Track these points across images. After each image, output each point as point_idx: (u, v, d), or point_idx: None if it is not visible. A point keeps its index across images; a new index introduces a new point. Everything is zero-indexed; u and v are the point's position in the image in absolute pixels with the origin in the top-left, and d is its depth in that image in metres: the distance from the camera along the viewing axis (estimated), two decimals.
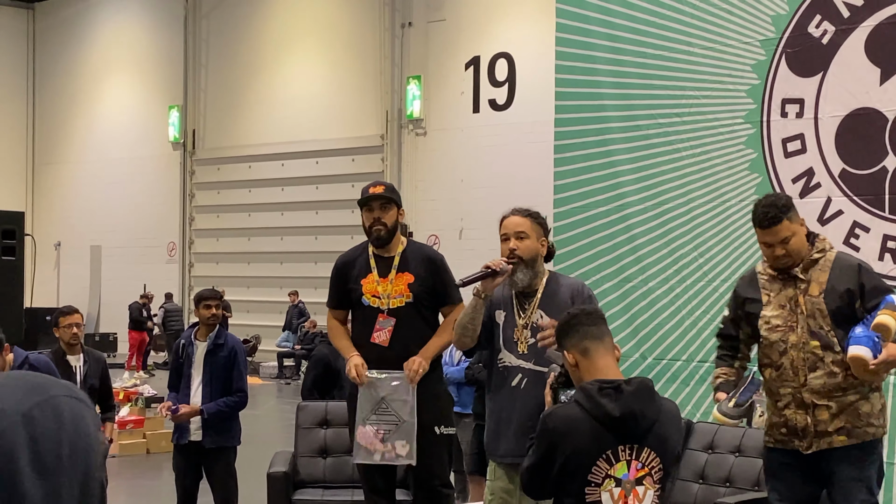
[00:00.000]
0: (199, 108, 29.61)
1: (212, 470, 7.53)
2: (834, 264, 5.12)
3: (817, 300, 5.09)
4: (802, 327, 5.11)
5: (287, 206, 27.11)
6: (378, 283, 5.97)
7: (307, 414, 7.86)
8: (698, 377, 7.39)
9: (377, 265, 6.03)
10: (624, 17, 7.91)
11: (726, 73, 7.54)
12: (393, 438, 5.86)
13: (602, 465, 3.81)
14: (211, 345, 7.47)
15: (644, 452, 3.85)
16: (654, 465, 3.88)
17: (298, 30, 27.25)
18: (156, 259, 29.78)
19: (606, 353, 3.96)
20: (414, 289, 5.95)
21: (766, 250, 5.22)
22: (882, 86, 6.99)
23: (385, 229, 6.00)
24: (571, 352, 3.97)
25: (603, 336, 3.99)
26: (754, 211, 5.21)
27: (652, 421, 3.84)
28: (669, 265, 7.65)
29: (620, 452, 3.82)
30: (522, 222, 5.26)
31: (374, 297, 5.98)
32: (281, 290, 25.91)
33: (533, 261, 5.22)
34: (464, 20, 24.23)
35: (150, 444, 13.30)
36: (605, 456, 3.81)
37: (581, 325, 3.98)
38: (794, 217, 5.13)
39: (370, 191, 6.06)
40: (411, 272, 5.97)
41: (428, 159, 24.77)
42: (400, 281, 5.96)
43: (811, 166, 7.22)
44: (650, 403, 3.86)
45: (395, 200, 6.06)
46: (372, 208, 6.04)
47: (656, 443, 3.87)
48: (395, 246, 6.06)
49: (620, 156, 7.89)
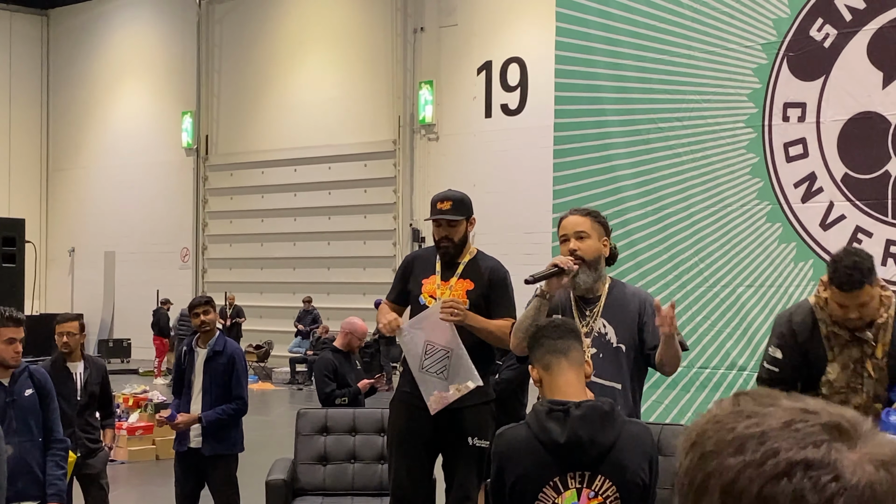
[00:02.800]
0: (213, 113, 29.67)
1: (211, 478, 7.51)
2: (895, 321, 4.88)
3: (881, 363, 4.87)
4: (868, 392, 4.88)
5: (300, 211, 27.14)
6: (439, 286, 5.93)
7: (307, 421, 7.82)
8: (699, 383, 7.33)
9: (442, 268, 5.98)
10: (624, 20, 7.86)
11: (727, 77, 7.48)
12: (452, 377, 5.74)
13: (549, 492, 3.58)
14: (210, 352, 7.46)
15: (598, 480, 3.58)
16: (609, 494, 3.60)
17: (311, 35, 27.27)
18: (169, 264, 29.84)
19: (569, 370, 3.69)
20: (471, 296, 5.86)
21: (838, 310, 4.90)
22: (885, 89, 6.93)
23: (452, 245, 5.92)
24: (535, 367, 3.75)
25: (568, 350, 3.71)
26: (835, 269, 4.86)
27: (605, 447, 3.57)
28: (670, 270, 7.59)
29: (569, 480, 3.58)
30: (582, 221, 4.97)
31: (431, 297, 5.92)
32: (294, 295, 25.91)
33: (595, 262, 4.91)
34: (476, 25, 24.21)
35: (160, 451, 13.29)
36: (552, 483, 3.58)
37: (545, 338, 3.75)
38: (875, 280, 4.88)
39: (438, 206, 5.92)
40: (473, 280, 5.90)
41: (440, 164, 24.75)
42: (459, 286, 5.89)
43: (813, 171, 7.15)
44: (602, 429, 3.57)
45: (464, 215, 5.93)
46: (440, 223, 5.92)
47: (612, 471, 3.59)
48: (464, 254, 5.99)
49: (620, 160, 7.84)
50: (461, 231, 5.93)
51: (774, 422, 1.10)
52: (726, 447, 1.10)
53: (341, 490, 7.56)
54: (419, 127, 25.39)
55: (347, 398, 8.52)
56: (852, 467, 1.05)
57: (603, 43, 7.95)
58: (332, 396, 8.54)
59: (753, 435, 1.09)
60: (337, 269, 26.42)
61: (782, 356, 5.10)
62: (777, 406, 1.13)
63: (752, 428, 1.10)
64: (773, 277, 7.15)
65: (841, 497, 1.03)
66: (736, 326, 7.23)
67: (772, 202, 7.23)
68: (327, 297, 25.88)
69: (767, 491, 1.05)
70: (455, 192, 6.01)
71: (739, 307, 7.27)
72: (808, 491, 1.03)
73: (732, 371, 7.24)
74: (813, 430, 1.08)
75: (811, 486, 1.04)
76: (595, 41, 7.98)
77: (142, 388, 15.19)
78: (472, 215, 6.02)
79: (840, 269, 4.82)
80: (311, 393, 21.59)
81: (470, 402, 5.84)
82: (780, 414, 1.11)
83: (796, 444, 1.07)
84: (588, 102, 8.01)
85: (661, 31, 7.72)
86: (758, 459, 1.07)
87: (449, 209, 5.88)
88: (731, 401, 1.17)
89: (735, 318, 7.27)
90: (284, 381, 23.70)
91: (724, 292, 7.32)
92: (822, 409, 1.12)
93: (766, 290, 7.16)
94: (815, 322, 5.03)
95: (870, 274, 4.82)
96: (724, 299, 7.33)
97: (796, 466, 1.05)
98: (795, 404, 1.12)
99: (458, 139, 24.55)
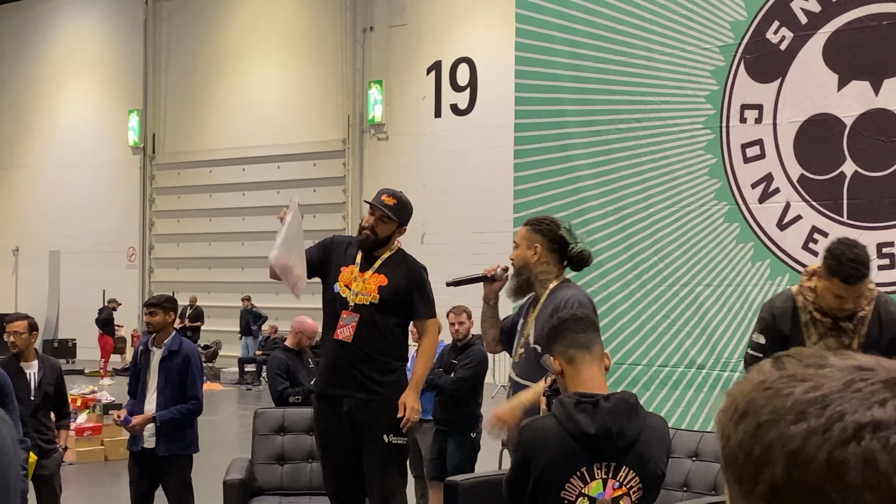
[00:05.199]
0: (160, 112, 29.45)
1: (165, 478, 7.45)
2: (873, 315, 4.95)
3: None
4: None
5: (248, 210, 27.01)
6: (356, 277, 5.99)
7: (264, 420, 7.78)
8: (658, 381, 7.39)
9: (363, 260, 6.04)
10: (583, 22, 7.91)
11: (686, 79, 7.54)
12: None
13: (576, 482, 3.64)
14: (166, 351, 7.40)
15: (622, 471, 3.67)
16: (632, 484, 3.70)
17: (259, 34, 27.15)
18: (115, 264, 29.57)
19: (593, 364, 3.77)
20: (383, 292, 5.95)
21: (833, 301, 4.98)
22: (840, 91, 7.02)
23: (373, 238, 6.02)
24: (558, 358, 3.80)
25: (591, 345, 3.79)
26: (839, 262, 4.89)
27: (632, 439, 3.66)
28: (630, 269, 7.65)
29: (596, 470, 3.65)
30: (519, 231, 5.32)
31: (346, 286, 5.99)
32: (242, 295, 25.78)
33: (521, 269, 5.21)
34: (425, 25, 24.22)
35: (109, 451, 13.16)
36: (580, 473, 3.64)
37: (569, 332, 3.80)
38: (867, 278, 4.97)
39: (383, 197, 6.05)
40: (387, 276, 5.97)
41: (390, 164, 24.73)
42: (373, 280, 5.97)
43: (770, 171, 7.23)
44: (630, 421, 3.66)
45: (398, 219, 6.06)
46: (373, 212, 6.04)
47: (636, 462, 3.68)
48: (384, 250, 6.07)
49: (580, 161, 7.89)
50: (388, 231, 6.04)
51: (834, 383, 1.05)
52: (786, 414, 1.04)
53: (299, 490, 7.53)
54: (368, 126, 25.37)
55: (301, 397, 8.49)
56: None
57: (563, 44, 7.99)
58: (285, 395, 8.51)
59: (814, 399, 1.04)
60: None
61: (765, 342, 5.21)
62: (830, 366, 1.08)
63: (811, 392, 1.05)
64: (731, 277, 7.23)
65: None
66: (695, 325, 7.30)
67: (730, 202, 7.31)
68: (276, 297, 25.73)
69: (837, 456, 1.01)
70: (405, 198, 6.12)
71: (698, 306, 7.34)
72: (878, 452, 1.00)
73: (691, 369, 7.31)
74: (874, 388, 1.04)
75: (881, 447, 1.00)
76: (555, 42, 8.02)
77: (90, 389, 15.06)
78: (405, 225, 6.16)
79: (844, 262, 4.88)
80: (261, 393, 21.50)
81: (386, 395, 5.93)
82: (837, 375, 1.06)
83: (861, 404, 1.02)
84: (548, 103, 8.04)
85: (620, 32, 7.78)
86: (823, 424, 1.02)
87: (391, 206, 6.02)
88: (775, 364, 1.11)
89: (694, 316, 7.34)
90: (233, 381, 23.58)
91: (682, 291, 7.39)
92: (876, 364, 1.07)
93: (724, 289, 7.23)
94: (795, 310, 5.14)
95: (870, 266, 4.95)
96: (682, 298, 7.39)
97: (864, 428, 1.01)
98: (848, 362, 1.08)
99: (408, 139, 24.55)
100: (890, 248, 6.79)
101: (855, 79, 6.97)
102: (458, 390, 8.24)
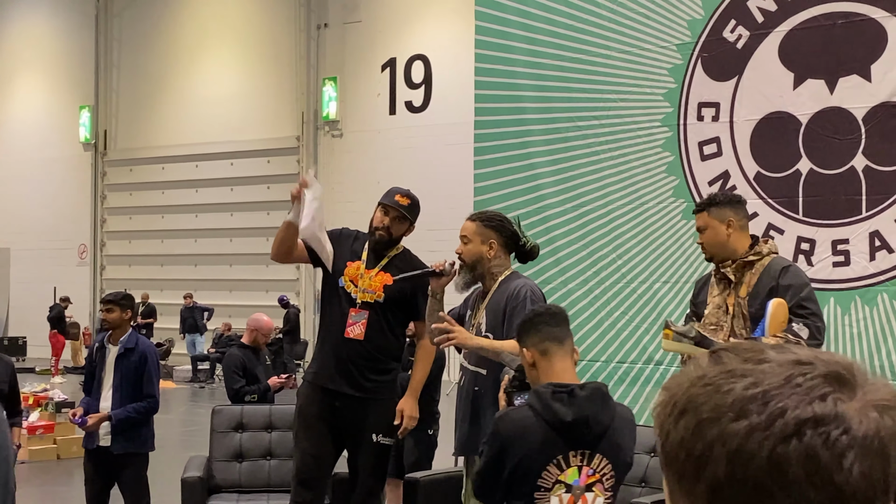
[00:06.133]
0: (111, 108, 29.21)
1: (121, 477, 7.38)
2: (766, 268, 5.13)
3: (742, 302, 5.11)
4: (728, 328, 5.12)
5: (201, 207, 26.86)
6: (361, 274, 5.97)
7: (222, 418, 7.73)
8: (616, 378, 7.43)
9: (369, 257, 6.04)
10: (543, 20, 7.93)
11: (643, 77, 7.59)
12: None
13: (552, 470, 3.75)
14: (122, 349, 7.34)
15: (596, 459, 3.79)
16: (605, 471, 3.82)
17: (213, 30, 27.00)
18: (67, 261, 29.30)
19: (565, 357, 3.89)
20: (388, 290, 5.93)
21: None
22: (795, 90, 7.09)
23: (388, 237, 6.01)
24: (531, 350, 3.90)
25: (564, 338, 3.91)
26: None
27: (605, 427, 3.78)
28: (588, 266, 7.68)
29: (571, 458, 3.76)
30: (468, 226, 5.37)
31: (351, 282, 5.97)
32: (195, 293, 25.62)
33: (475, 264, 5.29)
34: (380, 22, 24.19)
35: (61, 450, 13.03)
36: (556, 461, 3.75)
37: (544, 325, 3.91)
38: (718, 214, 5.17)
39: (395, 198, 6.04)
40: (393, 275, 5.94)
41: (344, 161, 24.68)
42: (379, 279, 5.96)
43: (727, 169, 7.29)
44: (604, 409, 3.78)
45: (412, 218, 6.08)
46: (387, 212, 6.02)
47: (609, 449, 3.81)
48: (392, 249, 6.07)
49: (540, 158, 7.92)
50: (402, 230, 6.05)
51: (774, 379, 1.04)
52: (727, 411, 1.03)
53: (257, 487, 7.50)
54: (323, 123, 25.30)
55: (257, 395, 8.45)
56: (857, 417, 1.02)
57: (522, 42, 8.01)
58: (242, 393, 8.47)
59: (755, 396, 1.03)
60: (239, 266, 26.19)
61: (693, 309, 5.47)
62: (768, 361, 1.06)
63: (751, 388, 1.04)
64: (688, 273, 7.28)
65: (852, 450, 1.01)
66: (653, 322, 7.34)
67: (687, 200, 7.36)
68: (230, 295, 25.68)
69: (779, 453, 1.01)
70: (416, 197, 6.13)
71: (656, 303, 7.39)
72: (819, 447, 1.00)
73: (649, 365, 7.36)
74: (814, 382, 1.03)
75: (822, 443, 1.00)
76: (514, 40, 8.04)
77: (42, 387, 14.91)
78: (415, 223, 6.18)
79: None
80: (214, 391, 21.39)
81: (379, 395, 5.94)
82: (776, 370, 1.05)
83: (801, 400, 1.02)
84: (508, 101, 8.07)
85: (579, 31, 7.81)
86: (764, 421, 1.02)
87: (406, 206, 6.03)
88: (713, 359, 1.09)
89: (652, 313, 7.39)
90: (186, 378, 23.44)
91: (641, 288, 7.43)
92: (815, 357, 1.07)
93: (682, 285, 7.28)
94: (709, 275, 5.40)
95: (714, 203, 5.22)
96: (641, 295, 7.44)
97: (805, 424, 1.01)
98: (786, 356, 1.07)
99: (362, 136, 24.51)
100: (845, 245, 6.87)
101: (810, 77, 7.04)
102: None
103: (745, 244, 5.18)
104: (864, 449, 1.02)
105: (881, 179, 6.80)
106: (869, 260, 6.80)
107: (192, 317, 24.69)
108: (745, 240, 5.18)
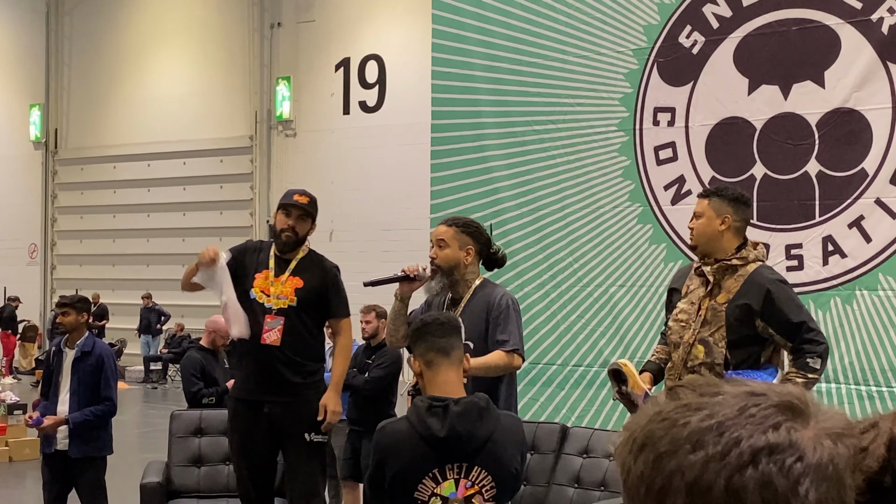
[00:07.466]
0: (62, 106, 28.93)
1: (78, 480, 7.35)
2: (749, 278, 4.97)
3: (720, 308, 4.97)
4: (695, 330, 5.00)
5: (153, 207, 26.67)
6: (272, 282, 6.01)
7: (181, 422, 7.70)
8: (573, 381, 7.48)
9: (276, 265, 6.07)
10: (500, 24, 7.97)
11: (600, 82, 7.65)
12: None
13: (428, 483, 3.78)
14: (79, 352, 7.31)
15: (474, 471, 3.81)
16: (485, 483, 3.83)
17: (166, 28, 26.82)
18: (17, 261, 28.98)
19: (450, 368, 3.88)
20: (300, 294, 6.00)
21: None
22: (750, 95, 7.18)
23: (295, 237, 6.07)
24: (418, 360, 3.92)
25: (450, 350, 3.90)
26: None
27: (482, 440, 3.80)
28: (545, 270, 7.73)
29: (448, 471, 3.79)
30: (445, 231, 5.35)
31: (263, 293, 6.02)
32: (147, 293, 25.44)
33: (452, 269, 5.28)
34: (334, 21, 24.13)
35: (13, 452, 12.92)
36: (432, 474, 3.78)
37: (430, 335, 3.91)
38: (718, 206, 5.02)
39: (294, 198, 6.11)
40: (302, 278, 6.02)
41: (298, 161, 24.61)
42: (290, 284, 6.02)
43: (682, 174, 7.37)
44: (480, 423, 3.79)
45: (313, 216, 6.15)
46: (289, 213, 6.07)
47: (488, 462, 3.82)
48: (297, 252, 6.11)
49: (497, 161, 7.96)
50: (306, 228, 6.12)
51: (728, 410, 1.06)
52: (684, 444, 1.05)
53: (216, 492, 7.47)
54: (276, 123, 25.21)
55: (215, 397, 8.43)
56: (812, 445, 1.04)
57: (479, 45, 8.05)
58: (199, 395, 8.45)
59: (710, 427, 1.05)
60: None
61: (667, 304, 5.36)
62: (723, 393, 1.09)
63: (706, 420, 1.06)
64: (644, 277, 7.35)
65: (807, 477, 1.03)
66: (609, 325, 7.41)
67: (643, 204, 7.43)
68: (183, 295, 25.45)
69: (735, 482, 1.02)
70: (314, 195, 6.22)
71: (612, 306, 7.45)
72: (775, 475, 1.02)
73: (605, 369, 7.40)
74: (767, 412, 1.06)
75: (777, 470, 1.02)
76: (471, 43, 8.08)
77: None
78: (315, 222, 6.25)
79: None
80: (167, 391, 21.29)
81: (305, 397, 5.99)
82: (730, 401, 1.07)
83: (755, 429, 1.04)
84: (465, 104, 8.10)
85: (536, 35, 7.86)
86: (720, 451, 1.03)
87: (307, 204, 6.10)
88: (670, 395, 1.12)
89: (608, 316, 7.45)
90: (138, 379, 23.30)
91: (597, 292, 7.50)
92: (768, 389, 1.09)
93: (637, 289, 7.35)
94: (690, 266, 5.30)
95: (719, 195, 5.07)
96: (597, 298, 7.50)
97: (760, 452, 1.03)
98: (740, 388, 1.09)
99: (316, 136, 24.44)
100: (798, 249, 6.96)
101: (765, 83, 7.13)
102: (373, 390, 8.24)
103: (734, 246, 5.02)
104: (819, 475, 1.04)
105: (834, 185, 6.89)
106: (822, 265, 6.90)
107: (148, 318, 24.54)
108: (735, 241, 5.03)
